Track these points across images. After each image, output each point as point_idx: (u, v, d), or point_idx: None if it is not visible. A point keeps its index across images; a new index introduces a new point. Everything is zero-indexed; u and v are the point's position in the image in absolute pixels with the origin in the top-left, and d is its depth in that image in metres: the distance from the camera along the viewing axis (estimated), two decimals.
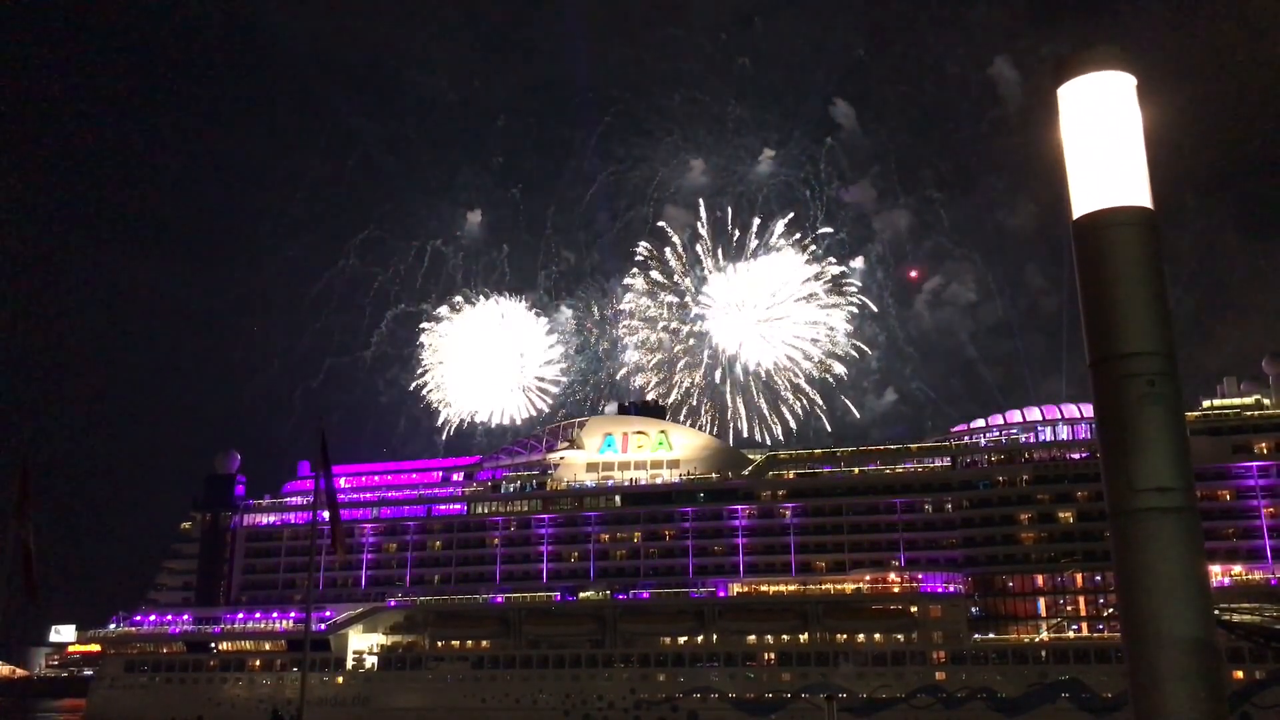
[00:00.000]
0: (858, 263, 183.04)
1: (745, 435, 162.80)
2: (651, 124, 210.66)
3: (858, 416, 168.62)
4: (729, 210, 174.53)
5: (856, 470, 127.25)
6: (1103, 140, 6.22)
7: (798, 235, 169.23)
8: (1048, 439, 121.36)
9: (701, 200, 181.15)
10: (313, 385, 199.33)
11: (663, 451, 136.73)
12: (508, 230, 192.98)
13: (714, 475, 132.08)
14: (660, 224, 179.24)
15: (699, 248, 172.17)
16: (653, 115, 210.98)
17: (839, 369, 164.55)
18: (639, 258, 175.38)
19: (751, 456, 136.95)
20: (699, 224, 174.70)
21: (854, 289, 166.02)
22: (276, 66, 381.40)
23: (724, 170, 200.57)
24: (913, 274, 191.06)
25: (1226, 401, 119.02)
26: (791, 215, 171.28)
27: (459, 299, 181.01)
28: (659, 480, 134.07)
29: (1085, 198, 6.22)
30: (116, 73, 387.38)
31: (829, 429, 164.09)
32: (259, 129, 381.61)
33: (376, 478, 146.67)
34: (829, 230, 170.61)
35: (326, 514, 34.77)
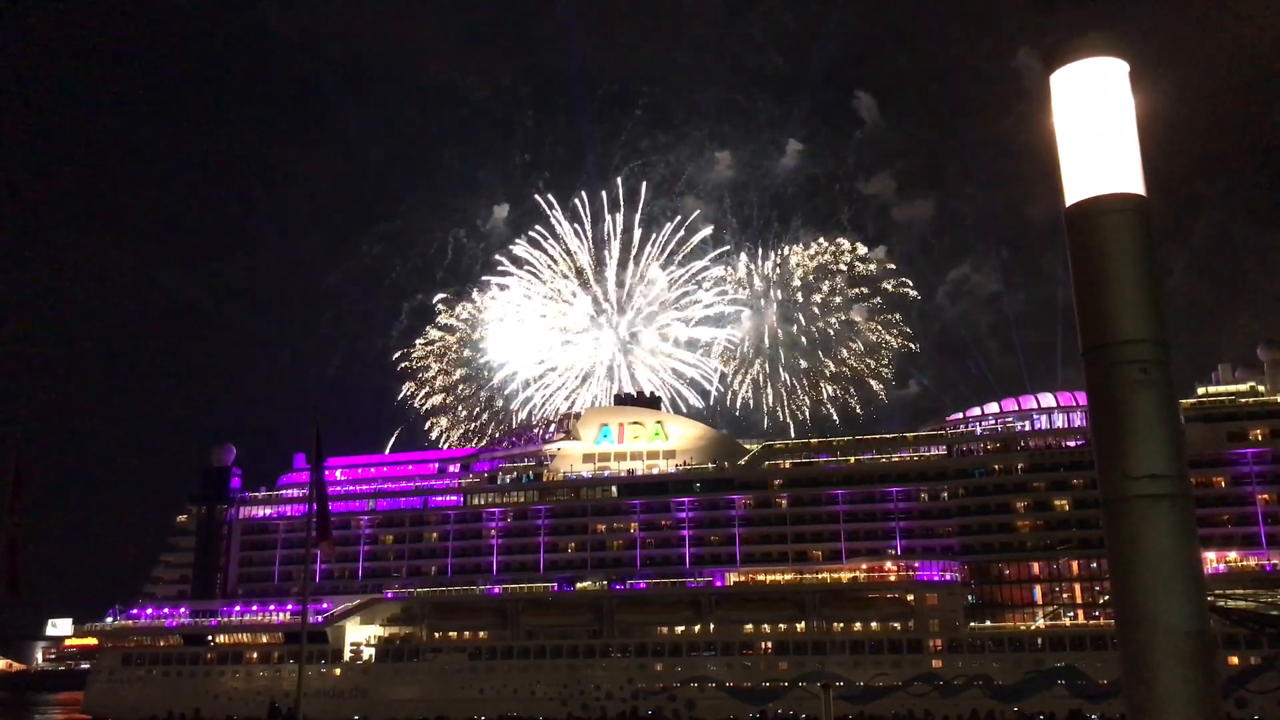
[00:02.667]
0: (879, 252, 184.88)
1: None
2: (679, 118, 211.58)
3: (885, 402, 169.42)
4: (754, 203, 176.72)
5: (853, 459, 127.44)
6: (1095, 127, 6.20)
7: (824, 242, 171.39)
8: (1043, 427, 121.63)
9: (727, 193, 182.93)
10: (328, 372, 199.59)
11: (659, 442, 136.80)
12: (531, 223, 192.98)
13: (710, 465, 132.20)
14: (681, 215, 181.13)
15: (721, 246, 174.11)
16: (680, 109, 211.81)
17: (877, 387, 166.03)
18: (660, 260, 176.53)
19: (748, 446, 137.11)
20: (725, 216, 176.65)
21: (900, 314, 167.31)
22: (294, 59, 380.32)
23: (749, 164, 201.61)
24: None
25: (1222, 389, 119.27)
26: (818, 215, 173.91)
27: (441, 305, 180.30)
28: (655, 470, 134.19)
29: (1078, 185, 6.20)
30: (123, 65, 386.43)
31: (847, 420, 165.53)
32: (272, 123, 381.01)
33: (372, 469, 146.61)
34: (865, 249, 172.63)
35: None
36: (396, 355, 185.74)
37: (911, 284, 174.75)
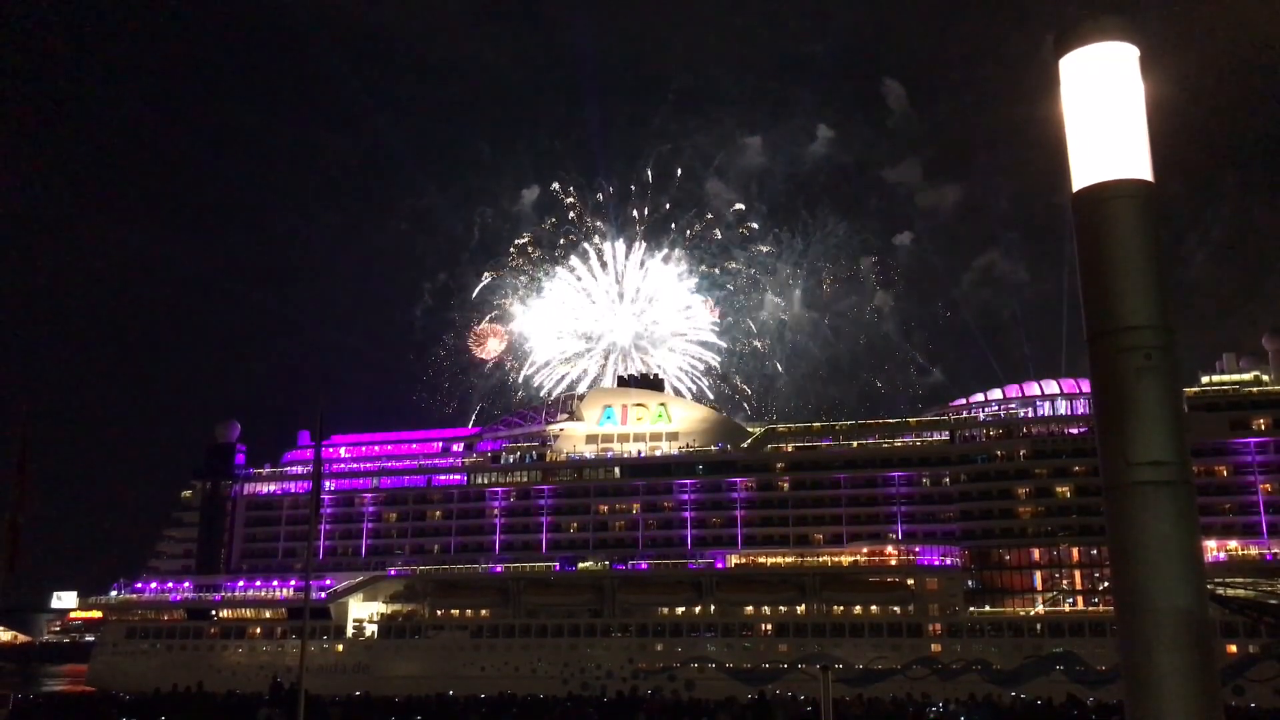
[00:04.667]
0: (904, 238, 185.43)
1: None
2: (711, 104, 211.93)
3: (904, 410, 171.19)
4: (783, 190, 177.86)
5: (855, 443, 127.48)
6: (1104, 112, 6.17)
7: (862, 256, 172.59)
8: (1046, 414, 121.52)
9: (755, 180, 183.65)
10: (352, 343, 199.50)
11: (662, 424, 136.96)
12: (560, 207, 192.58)
13: (713, 447, 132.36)
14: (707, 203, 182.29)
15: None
16: (712, 95, 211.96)
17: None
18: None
19: (750, 429, 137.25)
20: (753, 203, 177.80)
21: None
22: (312, 36, 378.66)
23: (780, 150, 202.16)
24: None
25: (1225, 377, 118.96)
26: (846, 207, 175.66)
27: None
28: (658, 452, 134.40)
29: (1085, 171, 6.17)
30: (135, 40, 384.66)
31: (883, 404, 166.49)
32: (290, 102, 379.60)
33: (376, 448, 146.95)
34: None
35: (326, 484, 34.92)
36: (413, 358, 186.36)
37: (941, 304, 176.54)
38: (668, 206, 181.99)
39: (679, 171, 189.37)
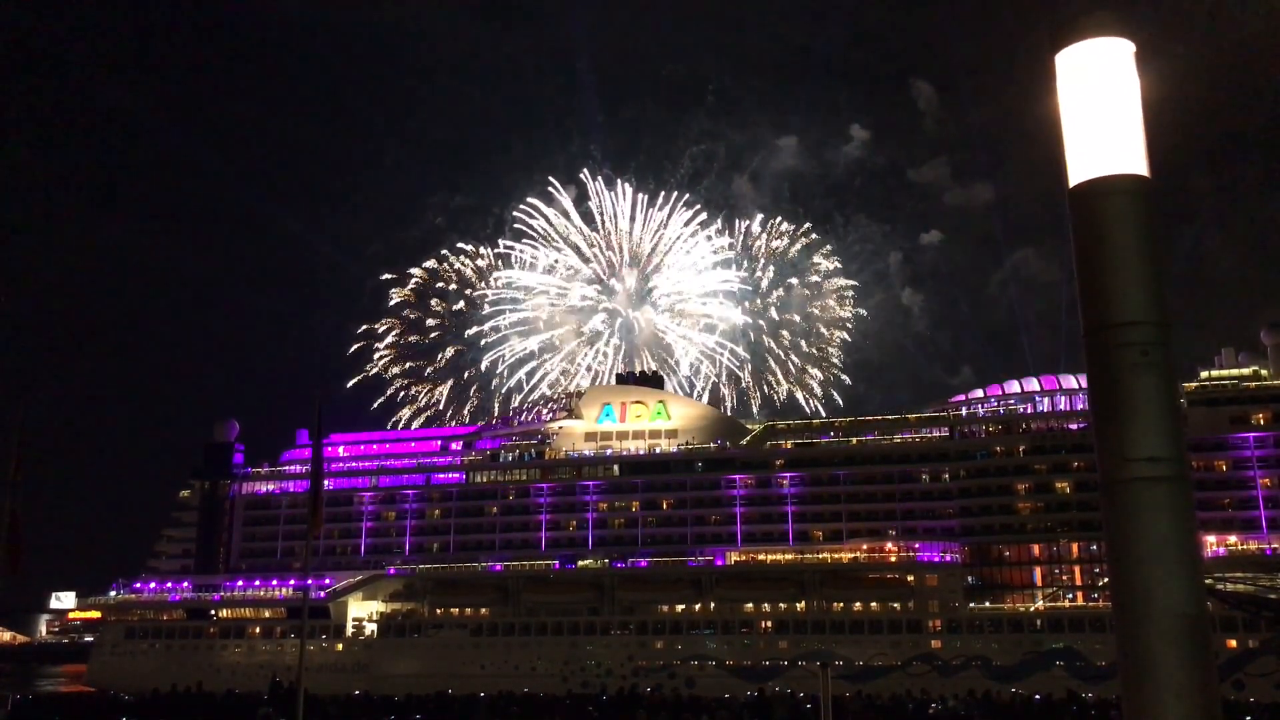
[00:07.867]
0: (932, 237, 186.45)
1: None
2: (748, 103, 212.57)
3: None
4: (816, 192, 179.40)
5: (854, 440, 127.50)
6: (1099, 108, 6.16)
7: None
8: (1045, 409, 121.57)
9: (788, 181, 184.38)
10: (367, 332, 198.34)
11: (661, 421, 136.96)
12: (591, 204, 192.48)
13: (712, 445, 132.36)
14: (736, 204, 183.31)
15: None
16: (748, 95, 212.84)
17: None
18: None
19: (749, 426, 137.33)
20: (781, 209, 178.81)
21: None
22: (316, 39, 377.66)
23: (815, 150, 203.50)
24: None
25: (1224, 372, 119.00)
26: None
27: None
28: (657, 450, 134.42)
29: (1081, 166, 6.17)
30: (132, 40, 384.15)
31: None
32: (297, 107, 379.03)
33: (375, 446, 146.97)
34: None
35: (325, 483, 34.90)
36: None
37: (968, 303, 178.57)
38: (694, 205, 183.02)
39: (713, 172, 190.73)
